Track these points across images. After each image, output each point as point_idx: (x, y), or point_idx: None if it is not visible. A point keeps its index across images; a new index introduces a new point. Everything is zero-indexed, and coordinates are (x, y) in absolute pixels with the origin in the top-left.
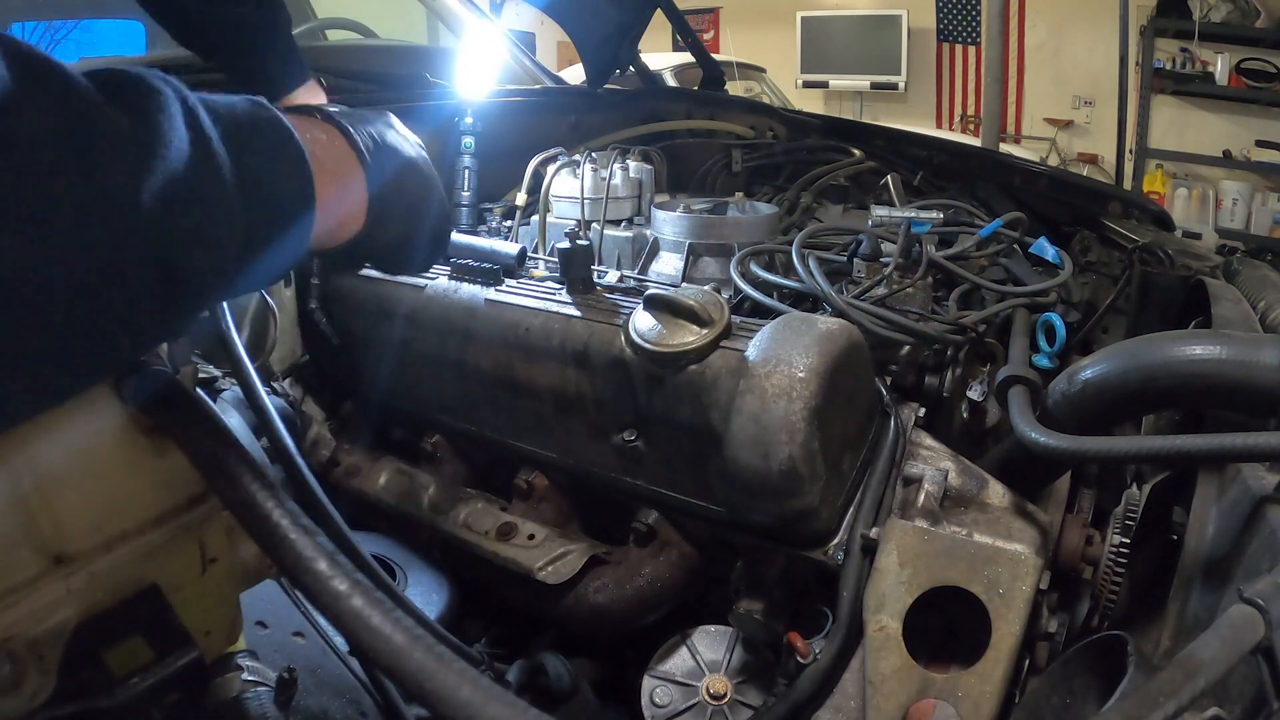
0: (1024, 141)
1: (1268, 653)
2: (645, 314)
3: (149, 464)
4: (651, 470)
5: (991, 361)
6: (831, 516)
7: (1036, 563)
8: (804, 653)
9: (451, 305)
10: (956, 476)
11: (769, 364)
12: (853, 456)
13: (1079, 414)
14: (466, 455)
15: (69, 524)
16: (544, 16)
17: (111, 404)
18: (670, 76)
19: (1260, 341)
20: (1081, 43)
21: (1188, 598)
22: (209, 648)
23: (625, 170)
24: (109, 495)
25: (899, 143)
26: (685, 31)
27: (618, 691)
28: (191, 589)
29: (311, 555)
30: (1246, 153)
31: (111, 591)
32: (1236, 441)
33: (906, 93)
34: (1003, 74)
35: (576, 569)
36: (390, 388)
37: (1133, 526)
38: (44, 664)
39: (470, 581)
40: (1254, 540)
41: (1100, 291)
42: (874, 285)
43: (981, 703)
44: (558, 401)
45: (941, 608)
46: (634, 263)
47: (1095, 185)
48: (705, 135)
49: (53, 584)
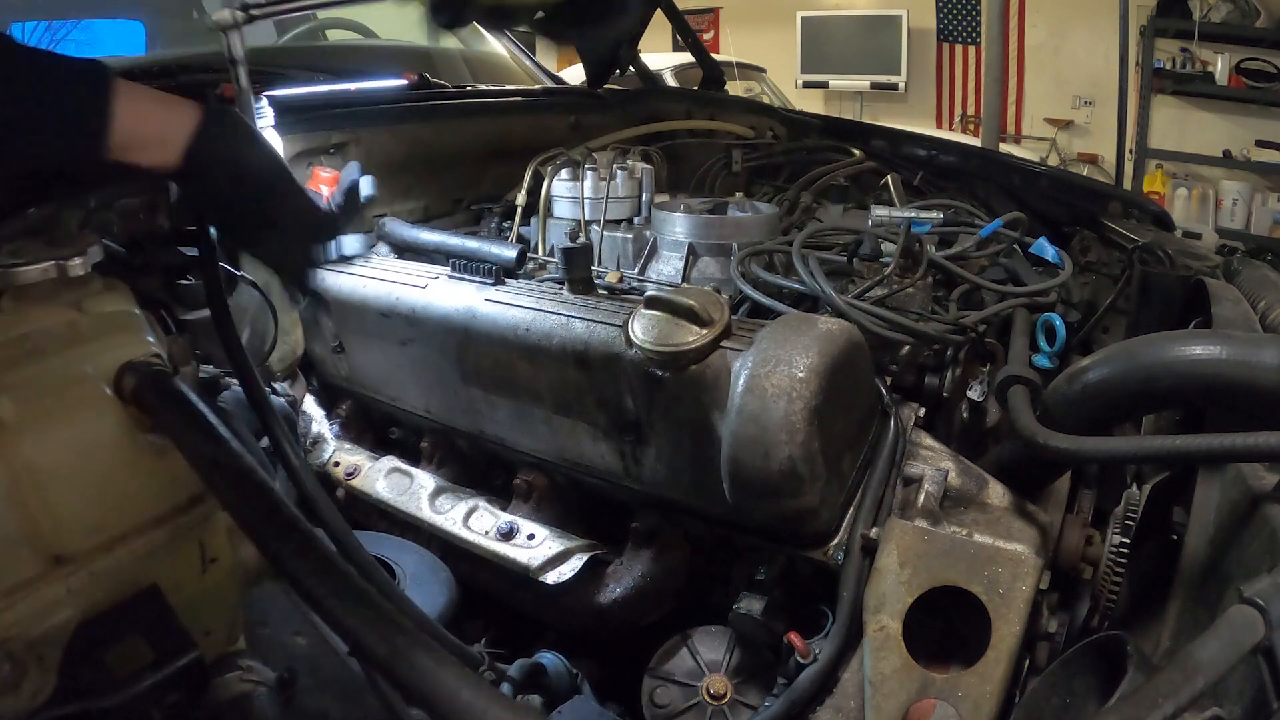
0: (1024, 141)
1: (1268, 653)
2: (645, 314)
3: (149, 464)
4: (651, 470)
5: (991, 361)
6: (831, 517)
7: (1036, 563)
8: (804, 653)
9: (451, 305)
10: (956, 476)
11: (769, 364)
12: (853, 456)
13: (1079, 414)
14: (466, 455)
15: (69, 524)
16: None
17: (111, 404)
18: (670, 76)
19: (1260, 341)
20: (1081, 43)
21: (1188, 598)
22: (209, 648)
23: (625, 170)
24: (109, 495)
25: (899, 143)
26: (685, 31)
27: (618, 691)
28: (191, 589)
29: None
30: (1246, 153)
31: (111, 591)
32: (1236, 441)
33: (906, 93)
34: (1003, 74)
35: (576, 569)
36: (390, 388)
37: (1133, 526)
38: (44, 664)
39: (470, 581)
40: (1254, 540)
41: (1100, 291)
42: (874, 285)
43: (981, 703)
44: (558, 401)
45: (941, 608)
46: (634, 263)
47: (1095, 185)
48: (705, 135)
49: (53, 584)
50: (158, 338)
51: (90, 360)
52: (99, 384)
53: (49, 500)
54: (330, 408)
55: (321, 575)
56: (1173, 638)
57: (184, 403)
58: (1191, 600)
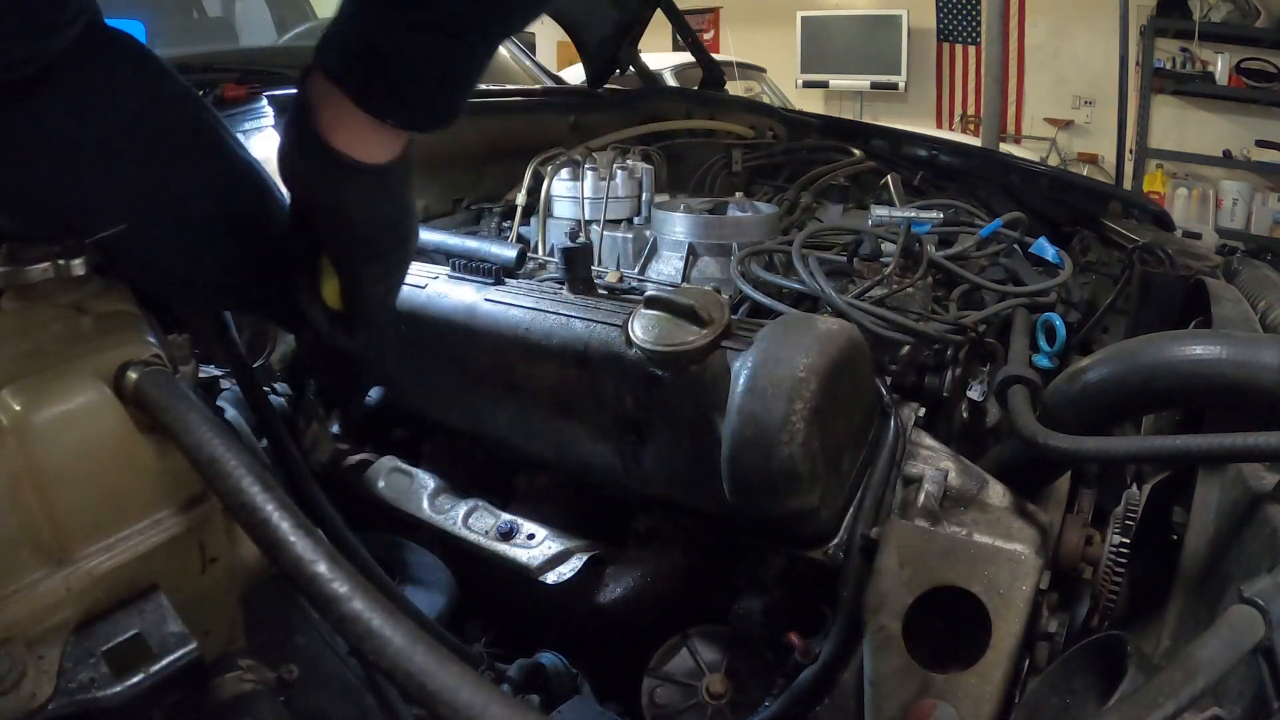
0: (1024, 141)
1: (1268, 653)
2: (645, 314)
3: (149, 464)
4: (651, 470)
5: (991, 361)
6: (831, 516)
7: (1036, 563)
8: (804, 653)
9: (451, 305)
10: (956, 476)
11: (769, 364)
12: (853, 456)
13: (1079, 414)
14: (466, 455)
15: (69, 524)
16: (544, 16)
17: (111, 404)
18: (670, 76)
19: (1260, 341)
20: (1081, 43)
21: (1188, 598)
22: (209, 648)
23: (625, 170)
24: (109, 495)
25: (899, 143)
26: (685, 31)
27: (618, 691)
28: (191, 589)
29: (311, 557)
30: (1246, 153)
31: (111, 591)
32: (1236, 441)
33: (906, 93)
34: (1003, 74)
35: (576, 569)
36: (390, 387)
37: (1133, 526)
38: (44, 664)
39: (470, 581)
40: (1254, 540)
41: (1100, 291)
42: (874, 285)
43: (981, 703)
44: (558, 401)
45: (941, 608)
46: (634, 263)
47: (1095, 185)
48: (705, 135)
49: (53, 584)
50: (158, 338)
51: (90, 360)
52: (99, 384)
53: (49, 500)
54: (330, 408)
55: (322, 575)
56: (1173, 638)
57: (184, 402)
58: (1191, 600)
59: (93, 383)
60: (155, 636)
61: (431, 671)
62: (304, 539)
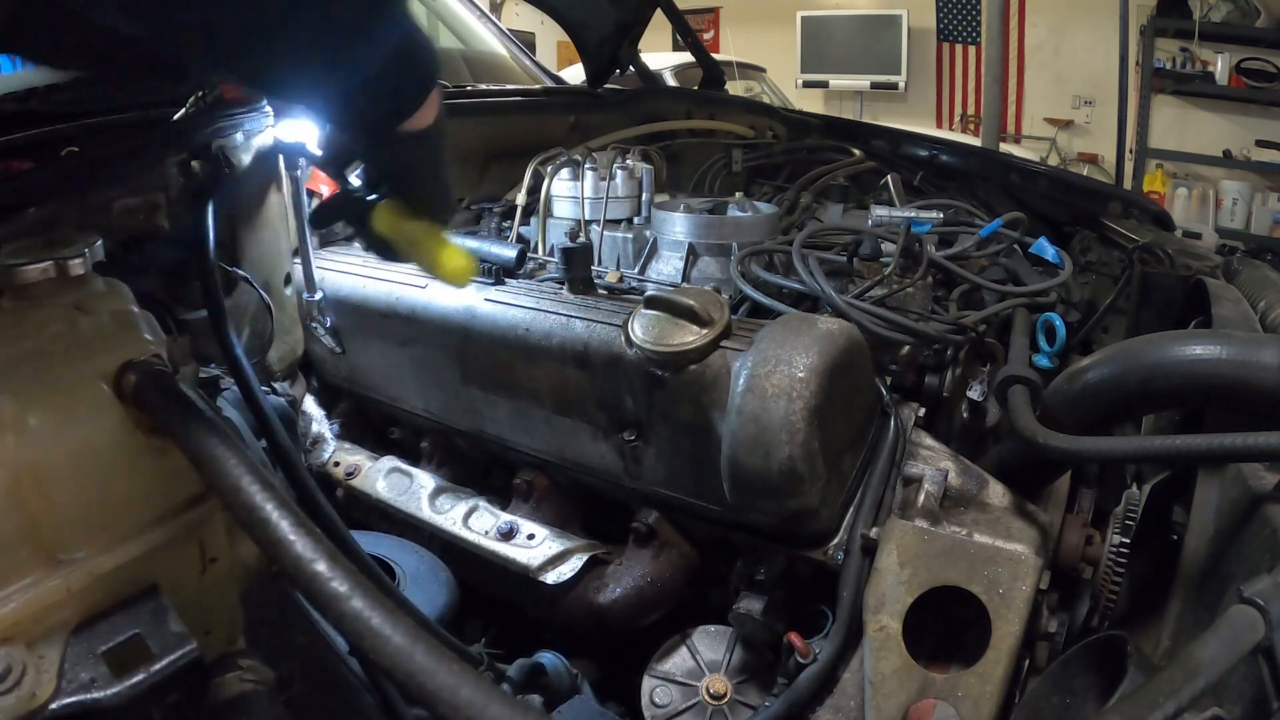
0: (1024, 141)
1: (1268, 653)
2: (645, 314)
3: (149, 464)
4: (651, 470)
5: (991, 361)
6: (831, 516)
7: (1036, 563)
8: (804, 653)
9: (451, 305)
10: (956, 476)
11: (769, 364)
12: (853, 456)
13: (1079, 414)
14: (466, 455)
15: (69, 524)
16: (544, 16)
17: (111, 404)
18: (670, 76)
19: (1260, 341)
20: (1081, 43)
21: (1188, 598)
22: (209, 647)
23: (625, 170)
24: (109, 495)
25: (899, 142)
26: (685, 31)
27: (618, 691)
28: (191, 589)
29: (311, 556)
30: (1246, 153)
31: (111, 591)
32: (1236, 441)
33: (906, 93)
34: (1003, 74)
35: (576, 569)
36: (390, 388)
37: (1133, 526)
38: (44, 664)
39: (470, 581)
40: (1254, 540)
41: (1100, 291)
42: (874, 285)
43: (981, 703)
44: (558, 401)
45: (941, 608)
46: (634, 263)
47: (1095, 185)
48: (705, 135)
49: (53, 584)
50: (158, 338)
51: (90, 360)
52: (99, 384)
53: (49, 500)
54: (330, 408)
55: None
56: (1173, 638)
57: (184, 403)
58: (1191, 600)
59: (93, 383)
60: (155, 636)
61: (431, 670)
62: (304, 538)
